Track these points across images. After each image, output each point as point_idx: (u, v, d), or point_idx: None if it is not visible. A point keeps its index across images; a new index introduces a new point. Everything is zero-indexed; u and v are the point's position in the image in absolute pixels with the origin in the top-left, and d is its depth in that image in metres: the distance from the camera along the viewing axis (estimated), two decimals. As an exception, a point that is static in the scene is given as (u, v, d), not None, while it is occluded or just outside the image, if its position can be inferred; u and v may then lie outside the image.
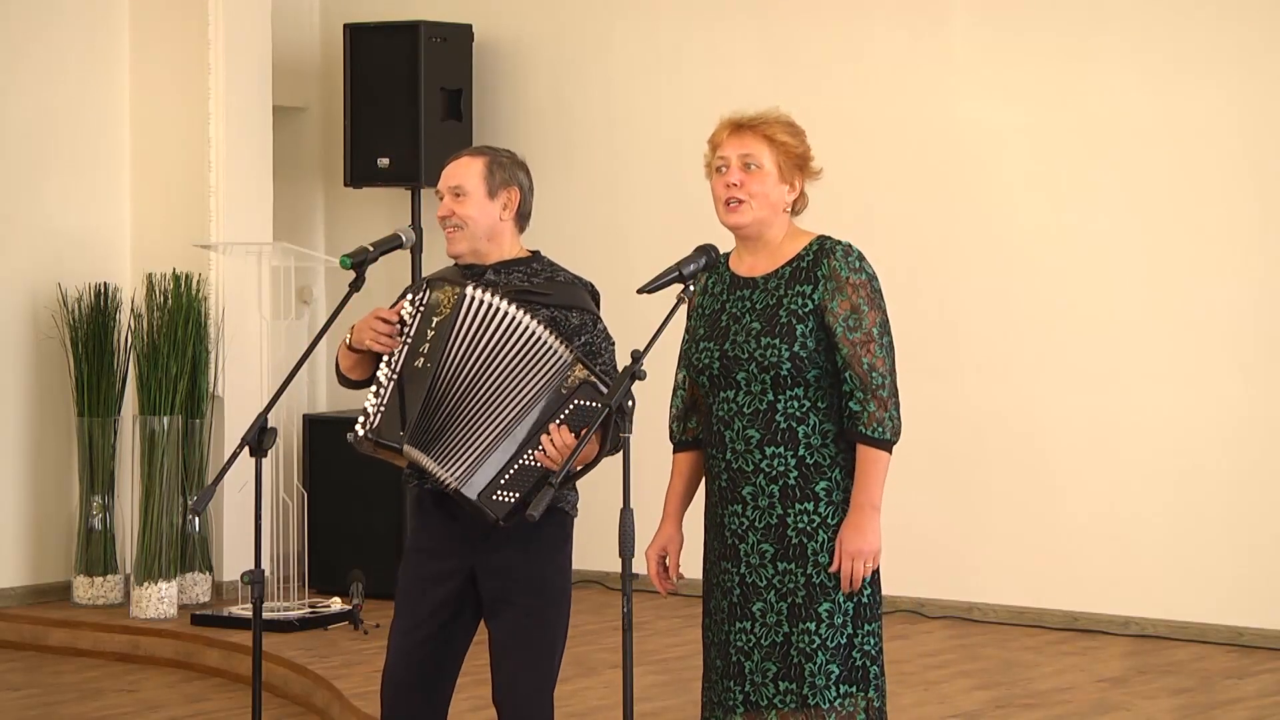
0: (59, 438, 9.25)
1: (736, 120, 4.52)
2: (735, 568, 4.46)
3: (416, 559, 4.92)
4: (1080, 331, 8.36)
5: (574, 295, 4.94)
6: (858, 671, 4.41)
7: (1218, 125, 8.11)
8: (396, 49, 9.47)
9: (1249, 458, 8.03)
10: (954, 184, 8.63)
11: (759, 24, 9.15)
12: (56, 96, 9.27)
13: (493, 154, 5.05)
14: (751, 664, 4.43)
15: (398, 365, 4.77)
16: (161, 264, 9.01)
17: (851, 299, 4.40)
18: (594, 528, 9.08)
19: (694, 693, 7.14)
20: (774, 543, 4.41)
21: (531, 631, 4.83)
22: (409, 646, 4.87)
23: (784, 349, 4.38)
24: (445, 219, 4.94)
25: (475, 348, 4.75)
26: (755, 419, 4.41)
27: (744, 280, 4.52)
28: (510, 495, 4.69)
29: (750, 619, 4.43)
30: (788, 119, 4.53)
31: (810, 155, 4.53)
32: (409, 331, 4.79)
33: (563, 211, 9.72)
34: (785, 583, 4.40)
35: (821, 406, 4.42)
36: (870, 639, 4.43)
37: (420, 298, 4.83)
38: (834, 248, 4.45)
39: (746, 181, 4.48)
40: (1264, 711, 6.94)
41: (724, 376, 4.44)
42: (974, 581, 8.56)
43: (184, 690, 7.92)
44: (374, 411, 4.74)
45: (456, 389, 4.74)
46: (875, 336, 4.39)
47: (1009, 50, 8.54)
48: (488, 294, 4.77)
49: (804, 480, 4.40)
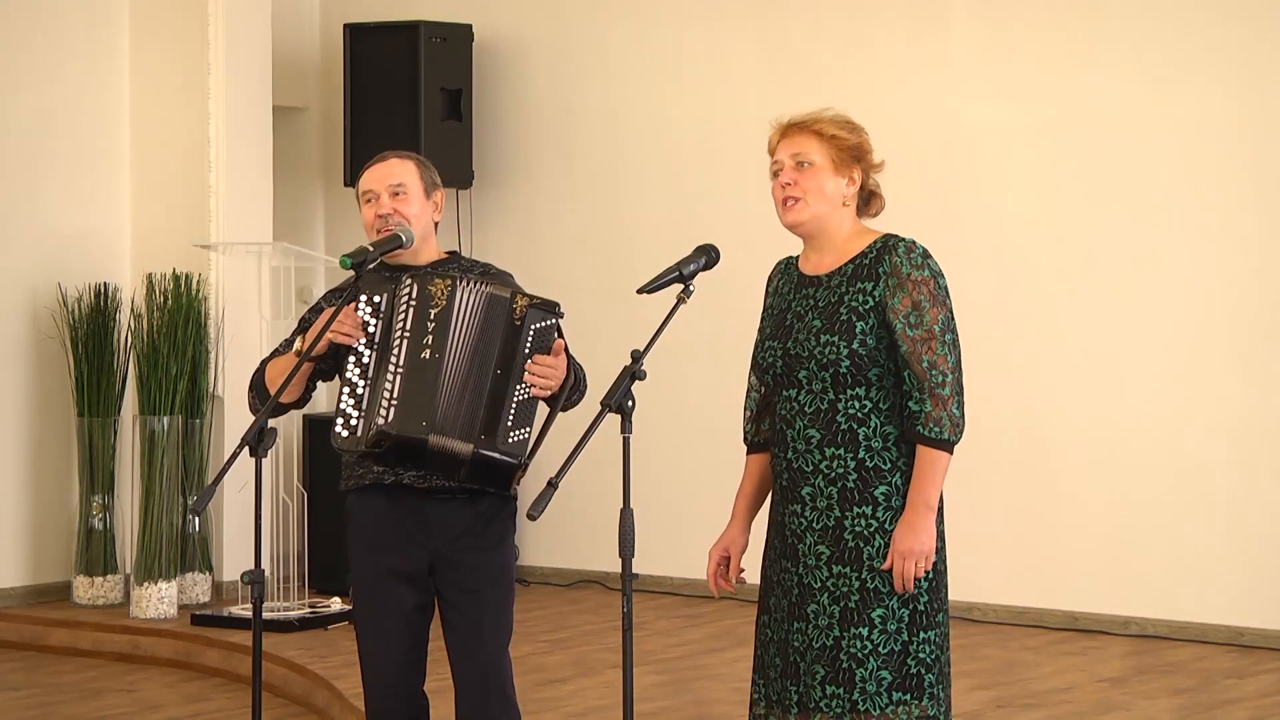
0: (59, 438, 9.25)
1: (786, 122, 4.51)
2: (794, 567, 4.43)
3: (373, 556, 5.00)
4: (1080, 331, 8.37)
5: (510, 284, 5.05)
6: (912, 679, 4.34)
7: (1217, 125, 8.11)
8: (396, 49, 9.47)
9: (1249, 458, 8.03)
10: (954, 184, 8.63)
11: (759, 24, 9.15)
12: (56, 96, 9.27)
13: (416, 156, 5.18)
14: (805, 665, 4.39)
15: (400, 359, 4.81)
16: (161, 264, 9.01)
17: (913, 295, 4.36)
18: (594, 528, 9.13)
19: (694, 693, 7.16)
20: (830, 545, 4.38)
21: (491, 612, 4.99)
22: (386, 644, 4.98)
23: (843, 346, 4.35)
24: (385, 218, 5.00)
25: (469, 331, 4.85)
26: (816, 419, 4.39)
27: (809, 279, 4.49)
28: (522, 432, 4.83)
29: (805, 620, 4.39)
30: (841, 115, 4.52)
31: (868, 147, 4.50)
32: (403, 326, 4.84)
33: (563, 211, 9.73)
34: (839, 586, 4.36)
35: (884, 408, 4.39)
36: (926, 646, 4.36)
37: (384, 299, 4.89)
38: (896, 244, 4.43)
39: (800, 179, 4.45)
40: (1264, 711, 6.94)
41: (786, 375, 4.43)
42: (974, 581, 8.56)
43: (184, 690, 7.92)
44: (382, 406, 4.79)
45: (459, 371, 4.83)
46: (937, 334, 4.35)
47: (1009, 50, 8.54)
48: (473, 283, 4.88)
49: (863, 484, 4.37)
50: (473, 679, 4.98)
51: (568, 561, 9.42)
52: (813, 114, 4.50)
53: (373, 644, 5.00)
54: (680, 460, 9.06)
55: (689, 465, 8.99)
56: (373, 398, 4.82)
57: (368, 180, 5.07)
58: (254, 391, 5.10)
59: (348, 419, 4.84)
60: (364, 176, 5.09)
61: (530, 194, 9.83)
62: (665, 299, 4.47)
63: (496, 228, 9.87)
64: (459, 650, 5.00)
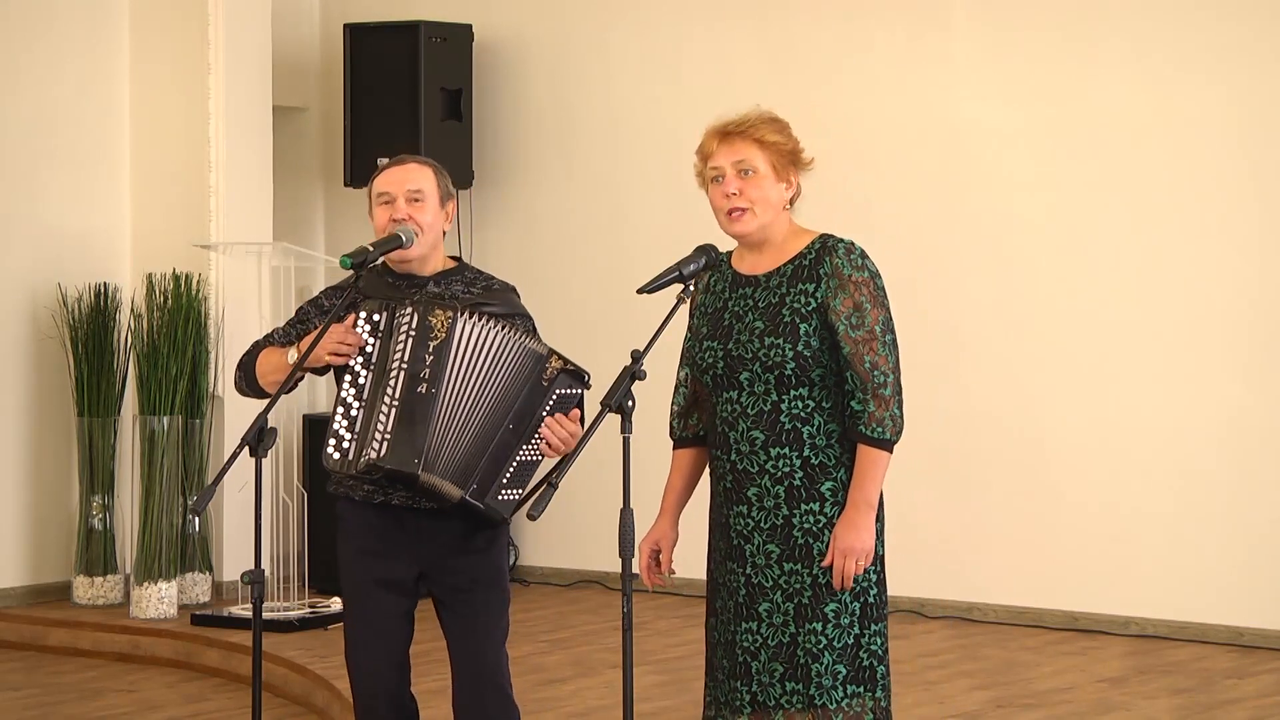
0: (59, 438, 9.25)
1: (723, 128, 4.48)
2: (741, 568, 4.45)
3: (364, 561, 4.98)
4: (1080, 331, 8.37)
5: (512, 303, 5.02)
6: (865, 672, 4.41)
7: (1217, 125, 8.11)
8: (396, 49, 9.47)
9: (1249, 458, 8.03)
10: (954, 183, 8.63)
11: (759, 24, 9.15)
12: (56, 96, 9.27)
13: (434, 163, 5.12)
14: (758, 664, 4.43)
15: (396, 392, 4.77)
16: (161, 264, 9.01)
17: (854, 296, 4.38)
18: (594, 528, 9.12)
19: (694, 693, 7.14)
20: (780, 543, 4.41)
21: (488, 617, 4.99)
22: (373, 648, 4.98)
23: (788, 348, 4.37)
24: (400, 223, 4.94)
25: (473, 368, 4.80)
26: (759, 420, 4.41)
27: (746, 278, 4.51)
28: (514, 493, 4.81)
29: (756, 619, 4.43)
30: (771, 116, 4.50)
31: (800, 148, 4.51)
32: (401, 357, 4.79)
33: (563, 211, 9.73)
34: (791, 583, 4.40)
35: (826, 407, 4.41)
36: (877, 639, 4.43)
37: (383, 320, 4.83)
38: (836, 245, 4.44)
39: (745, 188, 4.45)
40: (1264, 711, 6.94)
41: (728, 376, 4.44)
42: (974, 581, 8.56)
43: (184, 690, 7.92)
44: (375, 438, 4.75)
45: (460, 410, 4.79)
46: (878, 334, 4.38)
47: (1009, 50, 8.54)
48: (476, 317, 4.81)
49: (809, 481, 4.40)
50: (469, 678, 4.98)
51: (568, 561, 9.42)
52: (745, 118, 4.48)
53: (360, 648, 5.00)
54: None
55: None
56: (365, 425, 4.78)
57: (385, 182, 4.99)
58: (241, 371, 5.10)
59: (339, 440, 4.80)
60: (381, 177, 5.02)
61: (530, 194, 9.83)
62: (665, 299, 4.47)
63: (496, 228, 9.87)
64: (454, 650, 5.01)
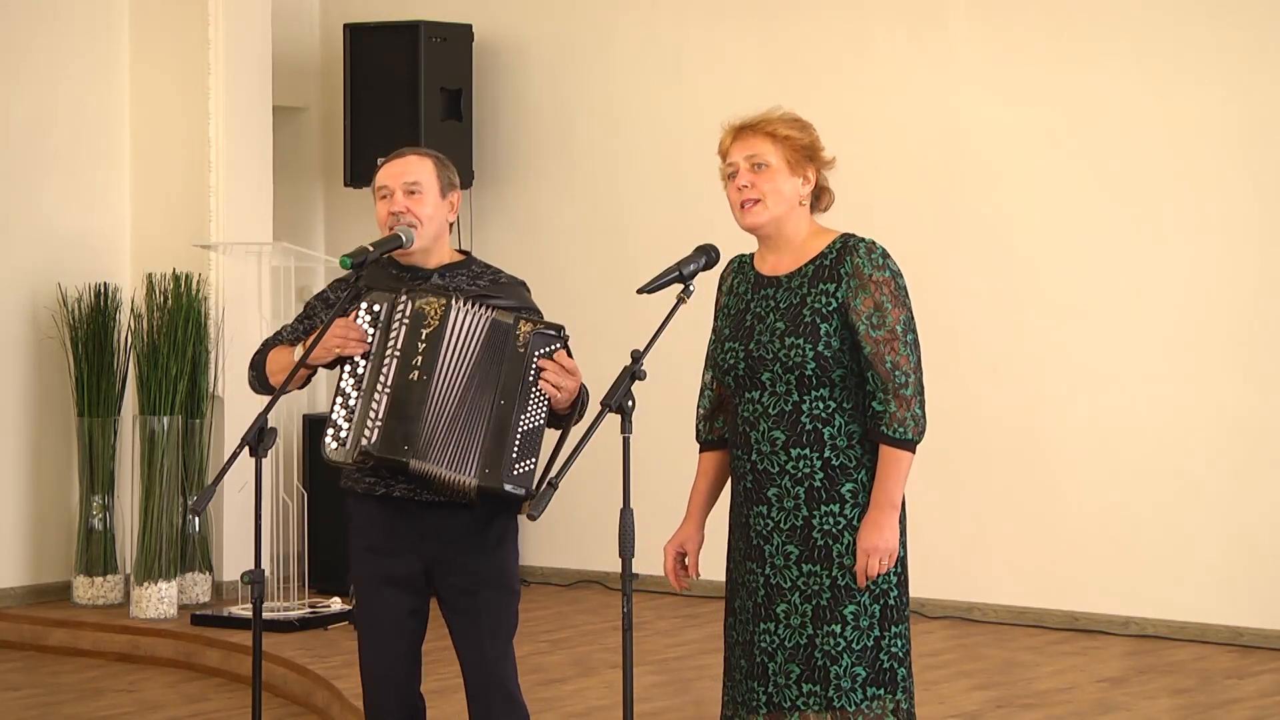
0: (59, 438, 9.25)
1: (738, 124, 4.51)
2: (760, 569, 4.44)
3: (371, 558, 4.98)
4: (1080, 331, 8.37)
5: (520, 295, 5.00)
6: (885, 674, 4.40)
7: (1217, 125, 8.11)
8: (396, 49, 9.47)
9: (1249, 458, 8.03)
10: (954, 184, 8.63)
11: (759, 24, 9.15)
12: (56, 96, 9.27)
13: (435, 154, 5.07)
14: (775, 665, 4.41)
15: (389, 378, 4.77)
16: (161, 264, 9.01)
17: (875, 296, 4.38)
18: (594, 528, 9.12)
19: (694, 693, 7.16)
20: (799, 544, 4.40)
21: (492, 620, 4.97)
22: (381, 646, 4.98)
23: (808, 349, 4.37)
24: (398, 215, 4.92)
25: (464, 355, 4.79)
26: (780, 420, 4.40)
27: (768, 279, 4.50)
28: (529, 463, 4.76)
29: (774, 620, 4.42)
30: (790, 114, 4.52)
31: (820, 145, 4.51)
32: (395, 344, 4.79)
33: (563, 211, 9.73)
34: (810, 585, 4.39)
35: (847, 407, 4.41)
36: (898, 641, 4.43)
37: (383, 310, 4.83)
38: (857, 245, 4.43)
39: (757, 181, 4.45)
40: (1264, 711, 6.94)
41: (749, 377, 4.44)
42: (974, 581, 8.56)
43: (184, 690, 7.92)
44: (367, 426, 4.75)
45: (452, 396, 4.78)
46: (899, 334, 4.37)
47: (1009, 50, 8.54)
48: (469, 304, 4.80)
49: (830, 482, 4.39)
50: (476, 680, 4.98)
51: (568, 561, 9.41)
52: (763, 115, 4.50)
53: (370, 645, 5.01)
54: (680, 460, 9.05)
55: (689, 465, 8.98)
56: (361, 413, 4.78)
57: (384, 176, 4.98)
58: (254, 370, 5.07)
59: (338, 430, 4.80)
60: (381, 172, 5.01)
61: (530, 194, 9.83)
62: (665, 299, 4.48)
63: (496, 228, 9.87)
64: (461, 652, 5.01)
